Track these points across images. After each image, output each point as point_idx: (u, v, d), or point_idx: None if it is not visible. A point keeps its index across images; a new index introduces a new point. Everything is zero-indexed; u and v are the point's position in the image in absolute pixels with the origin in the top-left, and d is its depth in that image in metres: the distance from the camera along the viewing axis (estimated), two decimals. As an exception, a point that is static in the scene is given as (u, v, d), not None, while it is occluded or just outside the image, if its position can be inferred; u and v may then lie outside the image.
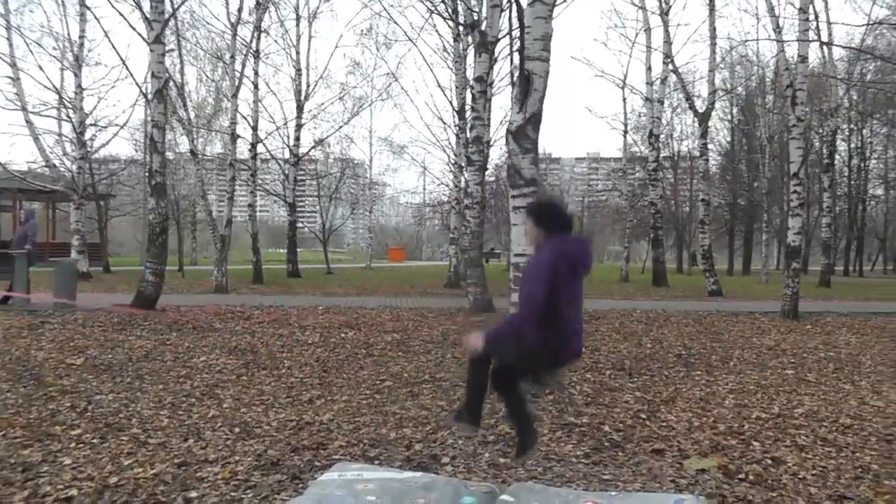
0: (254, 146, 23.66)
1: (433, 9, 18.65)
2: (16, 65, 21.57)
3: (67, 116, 23.25)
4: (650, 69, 24.30)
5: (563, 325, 3.83)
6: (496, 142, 24.17)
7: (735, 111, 41.08)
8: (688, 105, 27.49)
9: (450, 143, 26.16)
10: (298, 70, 27.09)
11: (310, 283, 22.57)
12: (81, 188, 22.89)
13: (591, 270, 4.11)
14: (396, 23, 32.13)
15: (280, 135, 27.48)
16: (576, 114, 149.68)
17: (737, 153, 41.22)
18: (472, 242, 14.77)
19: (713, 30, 20.59)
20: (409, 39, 36.45)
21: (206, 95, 34.10)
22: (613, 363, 8.39)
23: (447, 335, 10.42)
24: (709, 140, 29.78)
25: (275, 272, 26.62)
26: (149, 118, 13.82)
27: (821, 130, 32.75)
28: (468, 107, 18.25)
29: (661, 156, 28.66)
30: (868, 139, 40.53)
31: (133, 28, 14.85)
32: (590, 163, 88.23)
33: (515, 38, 12.94)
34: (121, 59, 27.89)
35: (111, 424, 5.42)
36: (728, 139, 42.93)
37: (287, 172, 28.05)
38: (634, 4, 26.00)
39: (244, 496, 3.98)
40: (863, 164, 40.56)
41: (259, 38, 22.55)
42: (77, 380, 6.98)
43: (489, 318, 12.18)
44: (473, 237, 14.79)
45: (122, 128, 26.08)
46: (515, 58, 12.06)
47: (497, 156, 32.58)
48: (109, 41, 29.50)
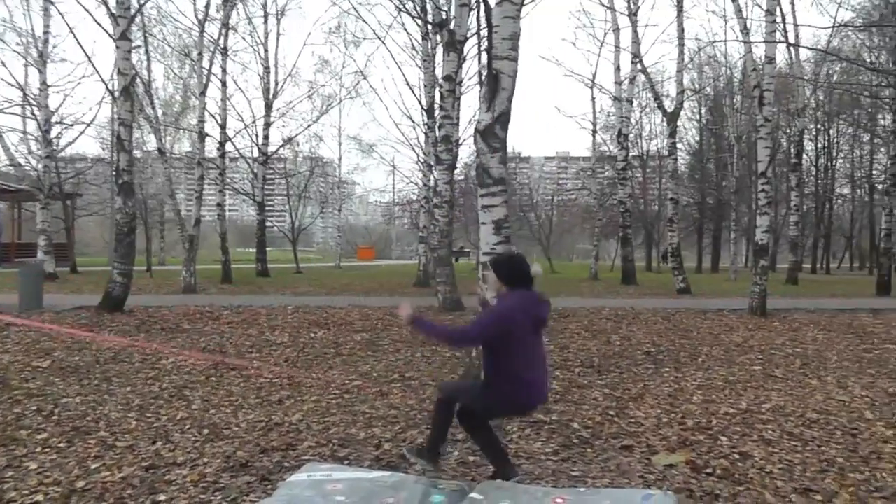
0: (222, 144, 23.45)
1: (402, 7, 18.57)
2: (-23, 61, 21.21)
3: (32, 114, 22.85)
4: (619, 69, 24.43)
5: (519, 376, 3.91)
6: (465, 140, 24.03)
7: (703, 111, 41.60)
8: (656, 105, 27.82)
9: (419, 142, 26.06)
10: (267, 68, 26.87)
11: (279, 283, 22.43)
12: (47, 187, 22.48)
13: (548, 323, 4.42)
14: (365, 21, 32.17)
15: (248, 133, 27.23)
16: (545, 113, 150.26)
17: (705, 152, 41.67)
18: (442, 241, 14.78)
19: (681, 31, 20.77)
20: (378, 37, 36.09)
21: (174, 93, 33.77)
22: (582, 361, 8.46)
23: (416, 334, 10.41)
24: (677, 139, 30.18)
25: (244, 272, 26.41)
26: (115, 116, 13.60)
27: (788, 130, 33.23)
28: (437, 105, 18.23)
29: (630, 155, 28.86)
30: (834, 139, 41.25)
31: (99, 24, 14.44)
32: (559, 162, 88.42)
33: (484, 38, 12.95)
34: (86, 56, 27.80)
35: (78, 428, 5.35)
36: (697, 138, 43.42)
37: (256, 171, 27.83)
38: (603, 5, 26.03)
39: (213, 498, 3.96)
40: (829, 164, 41.23)
41: (227, 36, 22.45)
42: (44, 383, 6.88)
43: (457, 317, 12.20)
44: (442, 236, 14.79)
45: (89, 126, 25.72)
46: (484, 57, 12.07)
47: (466, 154, 32.47)
48: (74, 37, 28.84)
